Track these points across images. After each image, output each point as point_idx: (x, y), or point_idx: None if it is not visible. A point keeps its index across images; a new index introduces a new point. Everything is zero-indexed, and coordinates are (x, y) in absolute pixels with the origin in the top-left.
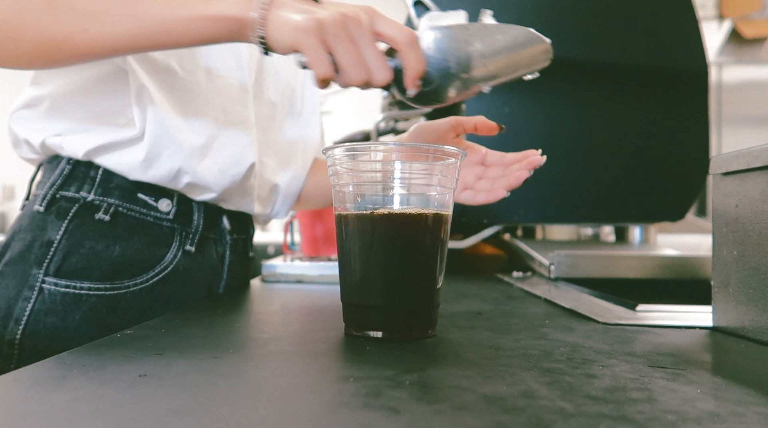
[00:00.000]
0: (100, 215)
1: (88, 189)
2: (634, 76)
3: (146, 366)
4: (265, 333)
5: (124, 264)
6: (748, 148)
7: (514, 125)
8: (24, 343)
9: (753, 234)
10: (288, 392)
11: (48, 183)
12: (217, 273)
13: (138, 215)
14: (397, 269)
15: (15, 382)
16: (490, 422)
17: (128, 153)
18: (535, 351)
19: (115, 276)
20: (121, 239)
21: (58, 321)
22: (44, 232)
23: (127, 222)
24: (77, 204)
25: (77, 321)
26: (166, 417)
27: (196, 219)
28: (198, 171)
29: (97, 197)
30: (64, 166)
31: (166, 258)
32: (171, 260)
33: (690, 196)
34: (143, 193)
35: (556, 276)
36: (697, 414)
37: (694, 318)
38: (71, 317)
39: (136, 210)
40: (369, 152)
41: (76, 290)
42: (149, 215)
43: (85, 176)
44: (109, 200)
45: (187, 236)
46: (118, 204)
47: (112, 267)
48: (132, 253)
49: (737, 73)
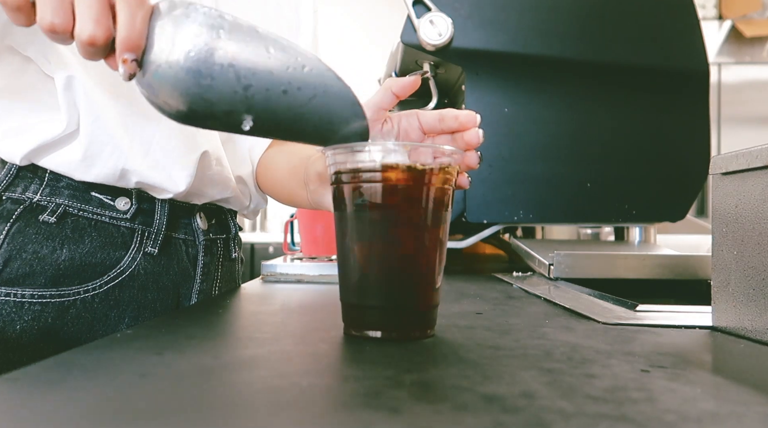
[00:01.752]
0: (45, 216)
1: (35, 189)
2: (634, 76)
3: (146, 366)
4: (265, 333)
5: (72, 269)
6: (748, 148)
7: (513, 125)
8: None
9: (753, 234)
10: (288, 392)
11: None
12: (187, 277)
13: (91, 215)
14: (396, 269)
15: (15, 382)
16: (490, 422)
17: (66, 152)
18: (535, 351)
19: (62, 281)
20: (69, 241)
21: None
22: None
23: (77, 224)
24: (22, 205)
25: (18, 331)
26: (166, 417)
27: (158, 218)
28: (144, 170)
29: (44, 198)
30: (10, 165)
31: (123, 261)
32: (129, 263)
33: (690, 196)
34: (98, 192)
35: (555, 276)
36: (697, 414)
37: (693, 318)
38: (11, 327)
39: (88, 210)
40: (368, 152)
41: (17, 298)
42: (104, 215)
43: (33, 176)
44: (58, 200)
45: (149, 237)
46: (68, 204)
47: (57, 272)
48: (82, 257)
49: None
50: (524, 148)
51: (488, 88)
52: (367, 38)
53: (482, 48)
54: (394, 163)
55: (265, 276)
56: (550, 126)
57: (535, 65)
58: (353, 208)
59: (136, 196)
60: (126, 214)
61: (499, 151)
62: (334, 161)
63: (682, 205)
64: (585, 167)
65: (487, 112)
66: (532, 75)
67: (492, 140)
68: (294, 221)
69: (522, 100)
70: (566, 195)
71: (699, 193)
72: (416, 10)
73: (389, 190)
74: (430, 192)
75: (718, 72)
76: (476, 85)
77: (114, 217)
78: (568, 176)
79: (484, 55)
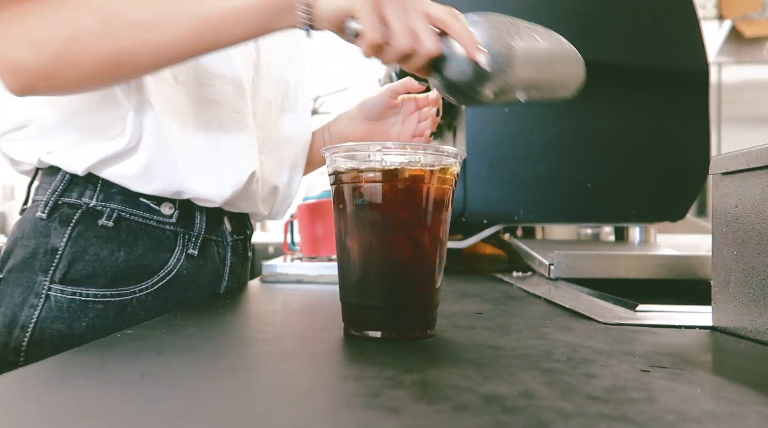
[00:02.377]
0: (103, 221)
1: (90, 195)
2: (634, 76)
3: (146, 366)
4: (265, 333)
5: (128, 270)
6: (748, 148)
7: (513, 125)
8: (30, 351)
9: (753, 234)
10: (288, 392)
11: (49, 189)
12: (218, 276)
13: (141, 220)
14: (396, 269)
15: (15, 382)
16: (490, 422)
17: (126, 166)
18: (535, 351)
19: (120, 282)
20: (124, 244)
21: (65, 329)
22: (48, 239)
23: (130, 228)
24: (80, 210)
25: (84, 328)
26: (166, 417)
27: (198, 222)
28: (197, 188)
29: (99, 203)
30: (64, 172)
31: (170, 262)
32: (174, 264)
33: (690, 196)
34: (145, 198)
35: (556, 276)
36: (697, 414)
37: (693, 318)
38: (77, 324)
39: (138, 214)
40: (369, 152)
41: (83, 297)
42: (152, 219)
43: (87, 182)
44: (111, 205)
45: (190, 239)
46: (121, 209)
47: (116, 273)
48: (136, 259)
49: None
50: (524, 148)
51: None
52: None
53: None
54: (395, 164)
55: (265, 276)
56: (550, 126)
57: None
58: (353, 208)
59: (179, 202)
60: (171, 219)
61: (499, 151)
62: (334, 161)
63: (682, 205)
64: (585, 167)
65: (487, 112)
66: None
67: (492, 140)
68: (294, 221)
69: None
70: (566, 195)
71: (699, 193)
72: None
73: (389, 190)
74: (430, 192)
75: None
76: None
77: (160, 221)
78: (568, 176)
79: None
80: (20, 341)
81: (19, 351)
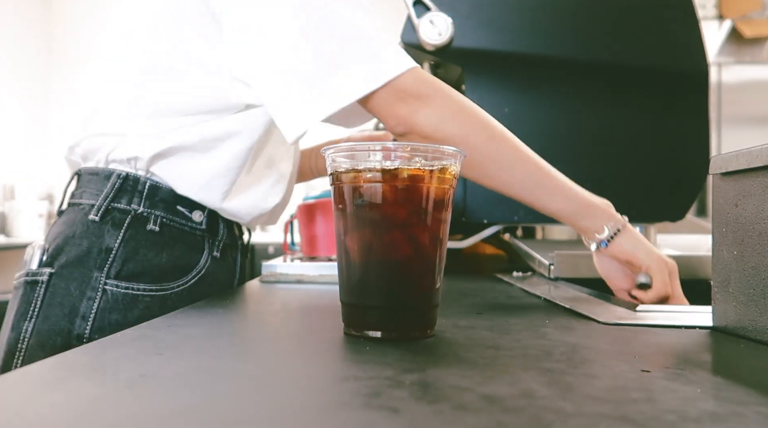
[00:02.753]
0: (151, 226)
1: (137, 202)
2: (635, 76)
3: (146, 366)
4: (265, 333)
5: (169, 269)
6: (748, 148)
7: (513, 125)
8: (93, 338)
9: (753, 234)
10: (288, 392)
11: (101, 195)
12: (232, 274)
13: (178, 225)
14: (396, 269)
15: (15, 382)
16: (490, 422)
17: (194, 169)
18: (535, 351)
19: (163, 279)
20: (167, 247)
21: (121, 318)
22: (102, 240)
23: (171, 232)
24: (129, 215)
25: (136, 318)
26: (166, 417)
27: (221, 229)
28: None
29: (146, 209)
30: (114, 180)
31: (200, 263)
32: (203, 265)
33: (690, 196)
34: (181, 205)
35: (556, 276)
36: (697, 414)
37: (693, 318)
38: (131, 314)
39: (176, 221)
40: (368, 152)
41: (134, 291)
42: (186, 225)
43: (134, 190)
44: (156, 212)
45: (214, 243)
46: (163, 215)
47: (161, 271)
48: (175, 259)
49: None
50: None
51: (488, 87)
52: None
53: (482, 48)
54: (394, 164)
55: (265, 276)
56: (549, 126)
57: (535, 65)
58: (353, 208)
59: (207, 210)
60: (201, 225)
61: None
62: (333, 161)
63: (682, 205)
64: (585, 167)
65: (487, 112)
66: (532, 75)
67: None
68: (294, 221)
69: (522, 100)
70: None
71: (699, 193)
72: (416, 10)
73: (389, 191)
74: (429, 192)
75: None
76: (476, 85)
77: (192, 227)
78: (568, 176)
79: (484, 55)
80: (83, 329)
81: (83, 338)
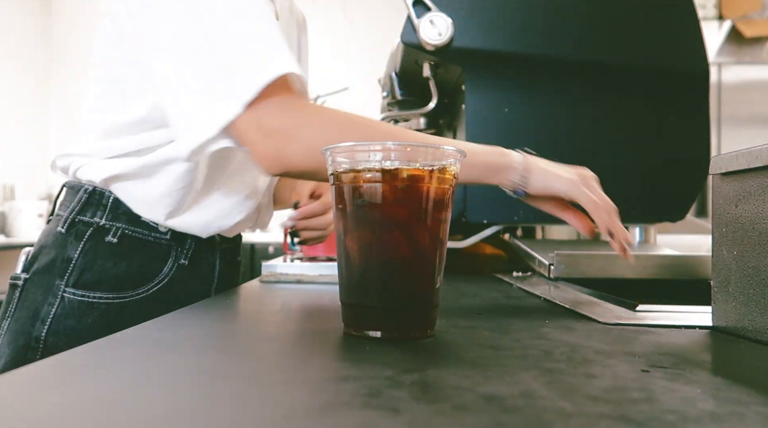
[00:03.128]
0: (110, 238)
1: (100, 214)
2: (635, 76)
3: (147, 366)
4: (265, 333)
5: (128, 278)
6: (748, 148)
7: (513, 125)
8: (48, 340)
9: (753, 234)
10: (288, 392)
11: (69, 207)
12: (207, 280)
13: (141, 236)
14: (397, 269)
15: (15, 382)
16: (490, 422)
17: (143, 189)
18: (535, 351)
19: (121, 287)
20: (126, 257)
21: (75, 324)
22: (65, 250)
23: (132, 243)
24: (91, 227)
25: (90, 324)
26: (166, 417)
27: (190, 238)
28: (184, 226)
29: (108, 222)
30: (82, 194)
31: (163, 271)
32: (167, 273)
33: (690, 196)
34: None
35: (556, 276)
36: (697, 414)
37: (694, 318)
38: (85, 320)
39: (139, 232)
40: (368, 152)
41: (90, 299)
42: (150, 235)
43: (98, 203)
44: (117, 224)
45: (182, 252)
46: (125, 227)
47: (118, 280)
48: (135, 269)
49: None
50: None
51: (488, 88)
52: (367, 38)
53: (482, 48)
54: (394, 164)
55: (265, 276)
56: (549, 126)
57: (535, 65)
58: (353, 208)
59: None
60: (166, 235)
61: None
62: (333, 161)
63: (682, 205)
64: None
65: (487, 112)
66: (532, 75)
67: (492, 140)
68: None
69: (522, 100)
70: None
71: (699, 193)
72: (416, 10)
73: (389, 191)
74: (430, 192)
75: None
76: (476, 85)
77: (157, 237)
78: None
79: (484, 55)
80: (40, 331)
81: (39, 339)
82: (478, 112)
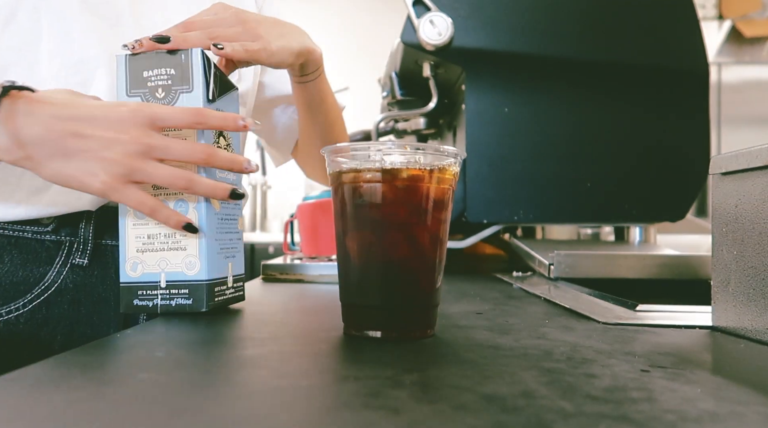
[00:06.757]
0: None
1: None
2: (634, 76)
3: (146, 366)
4: (265, 333)
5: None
6: (748, 148)
7: (513, 125)
8: None
9: (753, 234)
10: (288, 392)
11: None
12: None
13: (11, 232)
14: (397, 268)
15: (15, 382)
16: (490, 422)
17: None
18: (535, 351)
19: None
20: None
21: None
22: None
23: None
24: None
25: None
26: (166, 417)
27: (83, 226)
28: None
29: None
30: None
31: (47, 277)
32: (54, 278)
33: (690, 196)
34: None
35: (556, 276)
36: (697, 414)
37: (693, 318)
38: None
39: (8, 227)
40: (368, 152)
41: None
42: (25, 231)
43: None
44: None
45: (77, 248)
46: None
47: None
48: (2, 277)
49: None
50: (524, 148)
51: (488, 87)
52: (367, 38)
53: (482, 48)
54: (394, 164)
55: (265, 276)
56: (550, 126)
57: (535, 65)
58: (353, 207)
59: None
60: (47, 228)
61: (499, 150)
62: (333, 161)
63: (682, 204)
64: (585, 167)
65: (487, 112)
66: (532, 75)
67: (492, 140)
68: (294, 221)
69: (522, 100)
70: (566, 195)
71: (699, 193)
72: (416, 10)
73: (389, 190)
74: (429, 192)
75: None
76: (476, 85)
77: (36, 232)
78: (568, 176)
79: (484, 55)
80: None
81: None
82: (478, 112)
